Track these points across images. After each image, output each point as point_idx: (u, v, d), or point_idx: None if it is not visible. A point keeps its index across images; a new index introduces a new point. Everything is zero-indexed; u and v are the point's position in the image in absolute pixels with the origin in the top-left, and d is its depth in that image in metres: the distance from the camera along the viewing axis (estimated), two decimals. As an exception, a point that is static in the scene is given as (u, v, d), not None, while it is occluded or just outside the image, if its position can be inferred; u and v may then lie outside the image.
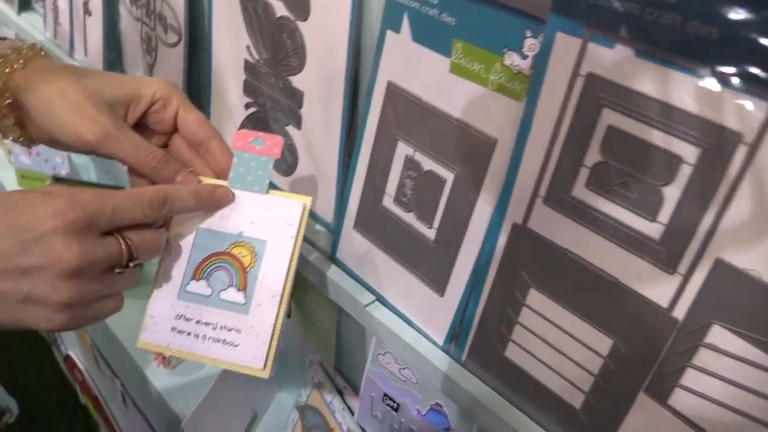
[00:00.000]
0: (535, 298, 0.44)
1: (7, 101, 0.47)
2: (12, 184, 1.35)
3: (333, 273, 0.60)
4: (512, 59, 0.41)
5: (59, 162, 1.23)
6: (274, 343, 0.50)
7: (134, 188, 0.45)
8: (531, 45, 0.40)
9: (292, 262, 0.51)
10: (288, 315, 0.84)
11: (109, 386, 1.34)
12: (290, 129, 0.62)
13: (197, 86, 0.77)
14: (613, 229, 0.38)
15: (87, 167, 1.30)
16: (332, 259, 0.61)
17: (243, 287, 0.51)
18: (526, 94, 0.40)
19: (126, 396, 1.23)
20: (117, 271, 0.43)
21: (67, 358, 1.62)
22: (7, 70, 0.47)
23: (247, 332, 0.50)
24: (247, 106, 0.66)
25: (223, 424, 0.87)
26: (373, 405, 0.73)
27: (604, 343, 0.41)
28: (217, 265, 0.51)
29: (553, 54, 0.38)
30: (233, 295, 0.51)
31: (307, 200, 0.52)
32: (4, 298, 0.38)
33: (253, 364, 0.49)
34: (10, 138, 0.50)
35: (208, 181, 0.53)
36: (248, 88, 0.65)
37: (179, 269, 0.51)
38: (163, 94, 0.51)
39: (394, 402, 0.69)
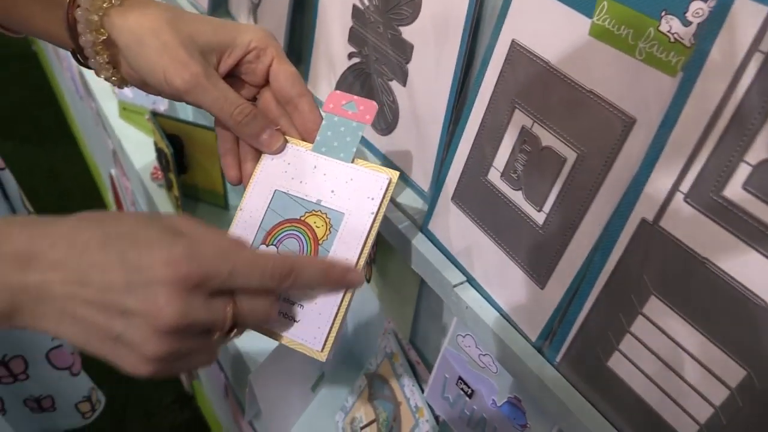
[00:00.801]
0: (655, 307, 0.38)
1: (102, 38, 0.46)
2: (114, 114, 1.38)
3: (422, 245, 0.55)
4: (671, 25, 0.34)
5: (159, 97, 1.24)
6: (337, 326, 0.46)
7: (258, 251, 0.41)
8: (698, 9, 0.33)
9: (368, 239, 0.47)
10: (368, 279, 0.81)
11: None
12: (394, 84, 0.57)
13: (301, 30, 0.73)
14: (774, 243, 0.31)
15: (184, 106, 1.31)
16: (423, 230, 0.57)
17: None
18: (683, 68, 0.34)
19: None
20: (216, 335, 0.39)
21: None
22: (104, 5, 0.45)
23: (310, 309, 0.46)
24: (351, 56, 0.62)
25: (290, 378, 0.86)
26: (445, 386, 0.69)
27: (734, 373, 0.34)
28: (289, 232, 0.48)
29: (727, 23, 0.31)
30: None
31: (394, 175, 0.47)
32: (95, 331, 0.36)
33: (311, 344, 0.46)
34: (103, 76, 0.49)
35: (294, 142, 0.50)
36: (353, 37, 0.61)
37: (251, 231, 0.49)
38: (258, 44, 0.47)
39: (469, 387, 0.65)
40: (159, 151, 1.13)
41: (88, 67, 0.49)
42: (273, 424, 0.88)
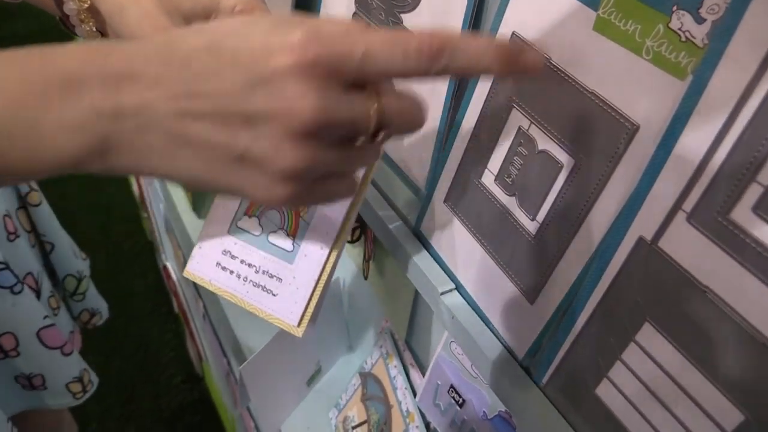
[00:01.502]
0: (648, 334, 0.34)
1: (85, 5, 0.44)
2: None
3: (413, 248, 0.52)
4: (683, 22, 0.30)
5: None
6: (314, 301, 0.45)
7: (403, 30, 0.31)
8: (714, 5, 0.29)
9: (350, 214, 0.45)
10: (365, 276, 0.78)
11: (194, 304, 1.37)
12: (394, 75, 0.54)
13: (308, 11, 0.70)
14: (783, 276, 0.27)
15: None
16: (415, 232, 0.54)
17: (293, 233, 0.46)
18: (694, 71, 0.30)
19: (207, 317, 1.25)
20: (359, 142, 0.31)
21: (165, 268, 1.68)
22: None
23: (288, 283, 0.46)
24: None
25: (284, 372, 0.84)
26: (437, 393, 0.66)
27: (730, 416, 0.31)
28: None
29: (745, 21, 0.27)
30: (282, 239, 0.46)
31: None
32: (214, 154, 0.29)
33: (288, 319, 0.45)
34: None
35: None
36: (356, 23, 0.58)
37: (235, 201, 0.47)
38: (244, 7, 0.45)
39: (460, 396, 0.62)
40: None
41: (77, 35, 0.47)
42: (265, 417, 0.87)
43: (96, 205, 2.30)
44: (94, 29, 0.46)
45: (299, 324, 0.45)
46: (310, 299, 0.45)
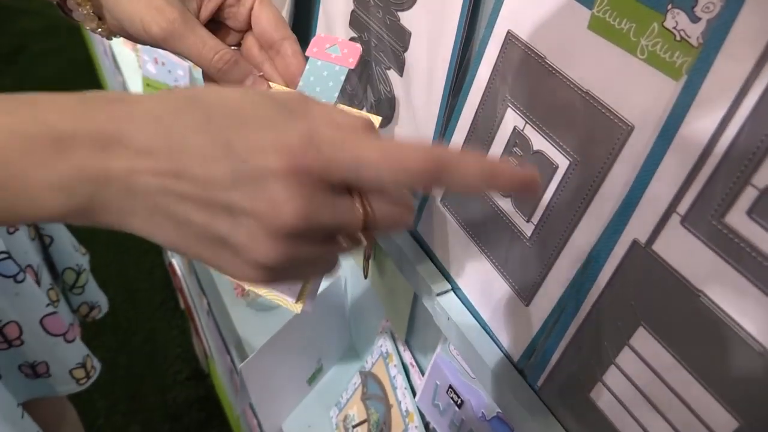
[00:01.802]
0: (642, 339, 0.34)
1: None
2: (138, 89, 1.38)
3: (409, 248, 0.52)
4: (677, 20, 0.30)
5: (180, 75, 1.23)
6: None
7: (397, 141, 0.30)
8: (708, 4, 0.28)
9: None
10: (365, 276, 0.77)
11: (199, 301, 1.37)
12: (391, 74, 0.54)
13: (308, 10, 0.70)
14: (776, 282, 0.27)
15: (207, 83, 1.29)
16: (412, 232, 0.53)
17: None
18: (689, 71, 0.29)
19: (211, 314, 1.25)
20: (343, 242, 0.31)
21: (170, 265, 1.69)
22: None
23: None
24: (351, 41, 0.58)
25: (285, 370, 0.84)
26: (436, 393, 0.66)
27: (725, 423, 0.30)
28: None
29: (740, 20, 0.26)
30: None
31: (376, 119, 0.44)
32: (194, 232, 0.29)
33: (286, 295, 0.44)
34: (89, 28, 0.47)
35: (278, 89, 0.47)
36: (354, 21, 0.57)
37: None
38: None
39: (459, 397, 0.61)
40: (174, 130, 1.12)
41: (75, 20, 0.47)
42: (266, 414, 0.87)
43: (104, 202, 2.31)
44: (92, 12, 0.46)
45: (298, 299, 0.44)
46: None
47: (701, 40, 0.29)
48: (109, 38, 0.48)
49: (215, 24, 0.47)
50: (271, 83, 0.48)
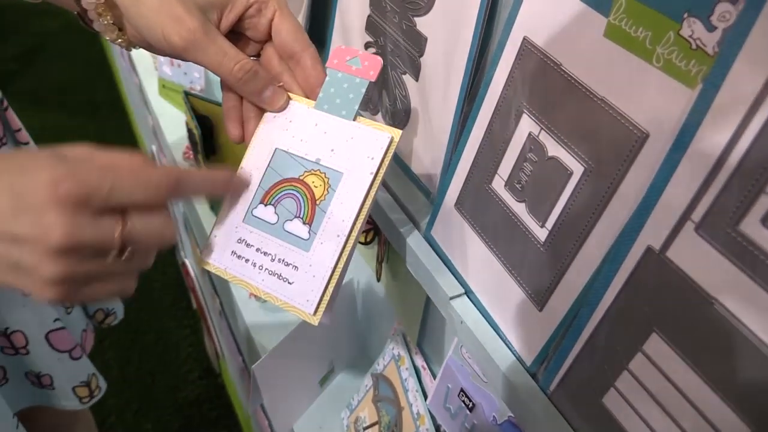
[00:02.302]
0: (655, 345, 0.34)
1: None
2: (154, 91, 1.39)
3: (423, 252, 0.52)
4: (693, 29, 0.30)
5: (196, 77, 1.24)
6: (330, 289, 0.45)
7: (148, 166, 0.39)
8: (725, 13, 0.28)
9: (366, 201, 0.45)
10: (378, 278, 0.78)
11: (211, 301, 1.38)
12: (407, 78, 0.54)
13: (323, 16, 0.70)
14: (791, 290, 0.27)
15: (219, 87, 1.30)
16: (426, 236, 0.54)
17: (309, 221, 0.46)
18: (704, 80, 0.29)
19: (223, 314, 1.26)
20: (111, 257, 0.37)
21: (183, 265, 1.70)
22: None
23: (304, 271, 0.45)
24: (367, 45, 0.59)
25: (296, 371, 0.84)
26: (447, 396, 0.66)
27: (737, 429, 0.30)
28: (287, 192, 0.47)
29: (756, 29, 0.27)
30: (298, 227, 0.46)
31: (396, 133, 0.45)
32: None
33: (304, 307, 0.45)
34: (108, 38, 0.47)
35: (297, 99, 0.48)
36: (370, 26, 0.58)
37: (250, 190, 0.48)
38: None
39: (470, 400, 0.62)
40: (190, 131, 1.13)
41: (95, 30, 0.48)
42: (278, 416, 0.87)
43: (118, 202, 2.33)
44: (111, 22, 0.46)
45: (315, 312, 0.45)
46: (326, 287, 0.44)
47: (717, 49, 0.29)
48: (128, 49, 0.49)
49: (235, 35, 0.48)
50: (290, 94, 0.48)
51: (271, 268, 0.46)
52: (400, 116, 0.57)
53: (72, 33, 3.12)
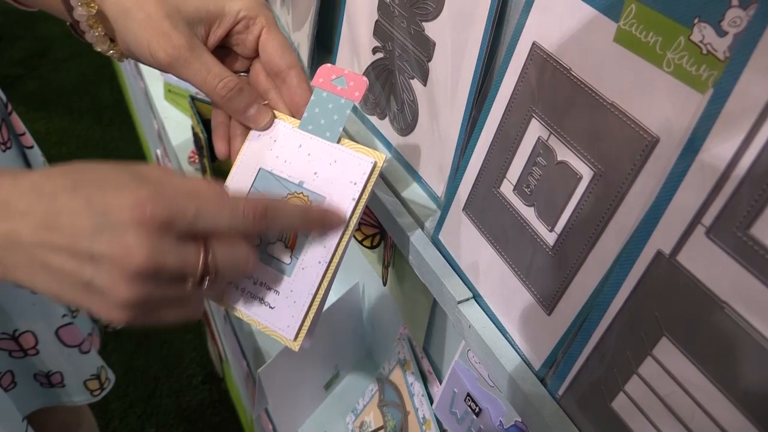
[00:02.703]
0: (665, 349, 0.34)
1: (93, 11, 0.45)
2: (159, 95, 1.40)
3: (431, 255, 0.52)
4: (704, 34, 0.30)
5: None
6: (311, 315, 0.44)
7: (232, 194, 0.39)
8: (735, 18, 0.28)
9: (348, 228, 0.44)
10: (384, 282, 0.78)
11: (216, 306, 1.39)
12: (415, 83, 0.54)
13: (330, 21, 0.71)
14: (803, 294, 0.27)
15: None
16: (433, 239, 0.54)
17: (291, 245, 0.45)
18: (715, 84, 0.29)
19: (228, 319, 1.26)
20: (190, 282, 0.37)
21: (188, 269, 1.70)
22: None
23: (285, 296, 0.45)
24: (375, 50, 0.59)
25: (302, 376, 0.85)
26: (453, 401, 0.66)
27: (749, 434, 0.30)
28: None
29: (767, 35, 0.27)
30: (280, 251, 0.46)
31: (379, 158, 0.45)
32: (66, 279, 0.35)
33: (284, 332, 0.44)
34: (100, 50, 0.48)
35: (282, 118, 0.48)
36: (378, 31, 0.58)
37: None
38: (248, 13, 0.45)
39: (477, 405, 0.62)
40: (195, 136, 1.14)
41: (87, 42, 0.48)
42: (282, 420, 0.87)
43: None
44: (103, 34, 0.47)
45: (295, 338, 0.44)
46: (306, 313, 0.44)
47: (728, 54, 0.29)
48: (120, 60, 0.49)
49: (224, 50, 0.48)
50: (276, 112, 0.48)
51: (253, 291, 0.46)
52: (407, 120, 0.57)
53: (76, 37, 3.13)
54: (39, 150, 0.81)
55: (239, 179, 0.48)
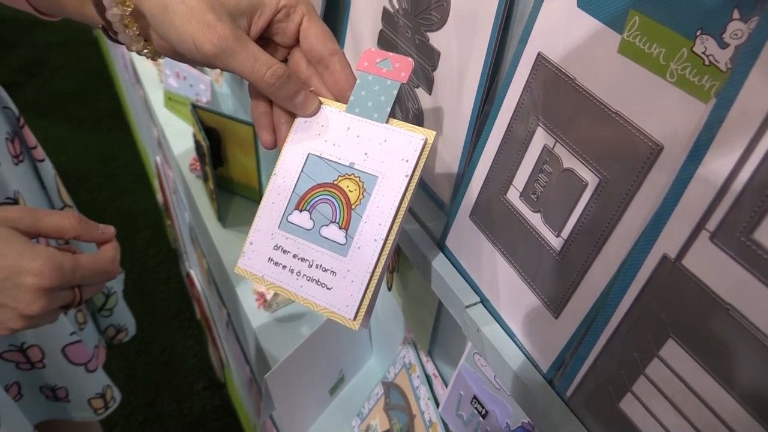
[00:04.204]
0: (672, 350, 0.35)
1: (129, 10, 0.44)
2: (159, 103, 1.40)
3: (438, 262, 0.53)
4: (706, 46, 0.31)
5: (202, 89, 1.25)
6: (370, 294, 0.44)
7: (101, 253, 0.55)
8: (736, 31, 0.30)
9: (402, 204, 0.44)
10: (389, 287, 0.79)
11: (218, 312, 1.39)
12: (420, 92, 0.55)
13: (334, 29, 0.72)
14: (805, 296, 0.28)
15: (227, 97, 1.32)
16: (440, 246, 0.55)
17: (345, 226, 0.45)
18: (717, 95, 0.31)
19: (230, 324, 1.27)
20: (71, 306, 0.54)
21: (188, 275, 1.71)
22: None
23: (342, 276, 0.45)
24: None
25: (308, 380, 0.85)
26: (460, 403, 0.67)
27: (756, 433, 0.31)
28: (322, 197, 0.46)
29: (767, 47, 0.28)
30: (334, 232, 0.46)
31: (430, 134, 0.45)
32: None
33: (343, 312, 0.44)
34: (134, 49, 0.48)
35: (328, 103, 0.48)
36: (383, 41, 0.59)
37: (284, 197, 0.47)
38: (289, 2, 0.45)
39: (483, 407, 0.63)
40: (197, 143, 1.14)
41: (120, 42, 0.48)
42: (289, 425, 0.88)
43: (120, 213, 2.35)
44: (137, 33, 0.46)
45: (355, 317, 0.44)
46: (365, 292, 0.44)
47: (730, 65, 0.30)
48: (154, 59, 0.49)
49: (264, 40, 0.48)
50: (321, 98, 0.48)
51: (309, 274, 0.46)
52: (412, 128, 0.58)
53: (73, 45, 3.14)
54: (50, 163, 0.82)
55: (288, 166, 0.48)
